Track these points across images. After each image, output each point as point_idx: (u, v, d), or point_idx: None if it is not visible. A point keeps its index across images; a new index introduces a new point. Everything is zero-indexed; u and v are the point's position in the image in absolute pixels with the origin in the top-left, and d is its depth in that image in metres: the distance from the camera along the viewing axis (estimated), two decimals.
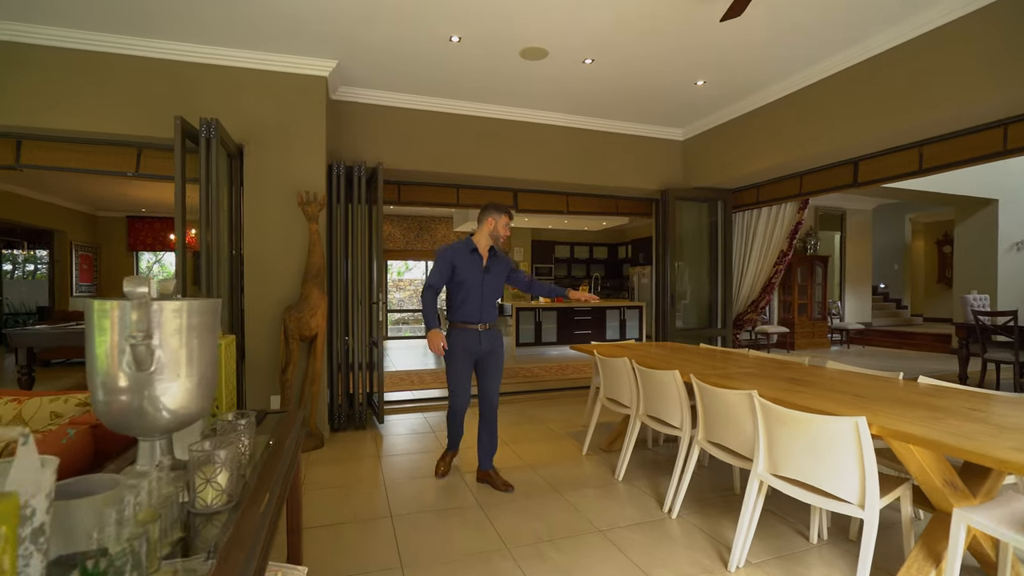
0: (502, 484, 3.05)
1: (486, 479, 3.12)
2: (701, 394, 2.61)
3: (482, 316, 3.02)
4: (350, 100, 4.56)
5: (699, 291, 5.93)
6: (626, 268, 12.94)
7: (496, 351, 3.11)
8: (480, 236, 3.08)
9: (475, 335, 3.01)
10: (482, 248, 3.07)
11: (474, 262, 3.03)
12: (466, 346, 3.00)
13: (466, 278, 3.00)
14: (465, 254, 3.02)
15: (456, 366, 3.03)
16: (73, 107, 3.51)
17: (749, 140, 4.95)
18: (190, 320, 1.25)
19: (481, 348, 3.03)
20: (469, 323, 3.01)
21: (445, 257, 3.01)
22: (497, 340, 3.12)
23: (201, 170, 3.20)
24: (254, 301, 3.87)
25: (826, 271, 9.84)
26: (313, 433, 3.82)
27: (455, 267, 2.99)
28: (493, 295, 3.10)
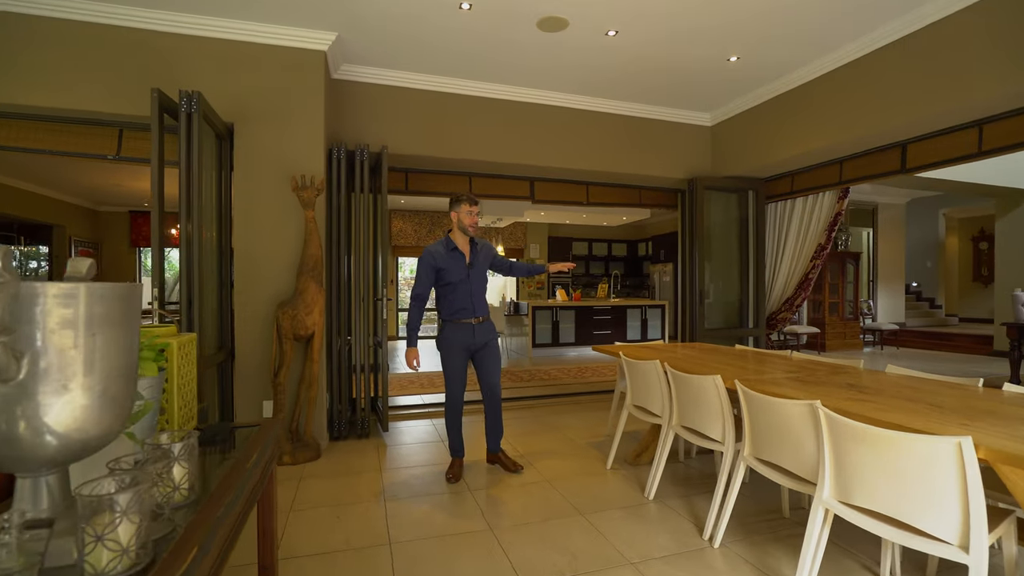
0: (512, 465, 3.19)
1: (496, 461, 3.25)
2: (748, 403, 2.22)
3: (475, 311, 3.05)
4: (352, 80, 4.24)
5: (728, 288, 5.50)
6: (646, 266, 12.49)
7: (491, 344, 3.13)
8: (455, 233, 3.09)
9: (469, 330, 3.04)
10: (461, 244, 3.08)
11: (457, 260, 3.04)
12: (461, 341, 3.03)
13: (452, 278, 3.03)
14: (445, 255, 3.02)
15: (451, 361, 3.05)
16: (46, 82, 3.23)
17: (784, 124, 4.52)
18: (89, 311, 0.91)
19: (476, 342, 3.05)
20: (463, 318, 3.03)
21: (426, 263, 3.02)
22: (491, 333, 3.13)
23: (181, 149, 2.89)
24: (245, 298, 3.56)
25: (858, 268, 9.32)
26: (309, 443, 3.50)
27: (439, 270, 3.01)
28: (482, 288, 3.13)
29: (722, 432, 2.43)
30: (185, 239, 2.92)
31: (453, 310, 3.03)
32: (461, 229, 3.04)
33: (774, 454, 2.12)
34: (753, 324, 5.32)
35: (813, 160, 4.60)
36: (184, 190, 2.90)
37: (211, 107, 3.16)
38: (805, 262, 5.08)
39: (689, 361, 3.06)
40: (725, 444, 2.41)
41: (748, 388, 2.20)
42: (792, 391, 2.14)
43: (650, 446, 3.37)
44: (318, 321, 3.48)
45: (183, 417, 1.60)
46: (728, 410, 2.40)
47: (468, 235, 3.08)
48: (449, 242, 3.05)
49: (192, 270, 2.92)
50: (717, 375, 2.40)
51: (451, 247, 3.03)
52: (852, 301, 9.26)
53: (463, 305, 3.01)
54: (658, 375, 2.90)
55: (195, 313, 2.91)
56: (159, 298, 2.86)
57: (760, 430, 2.18)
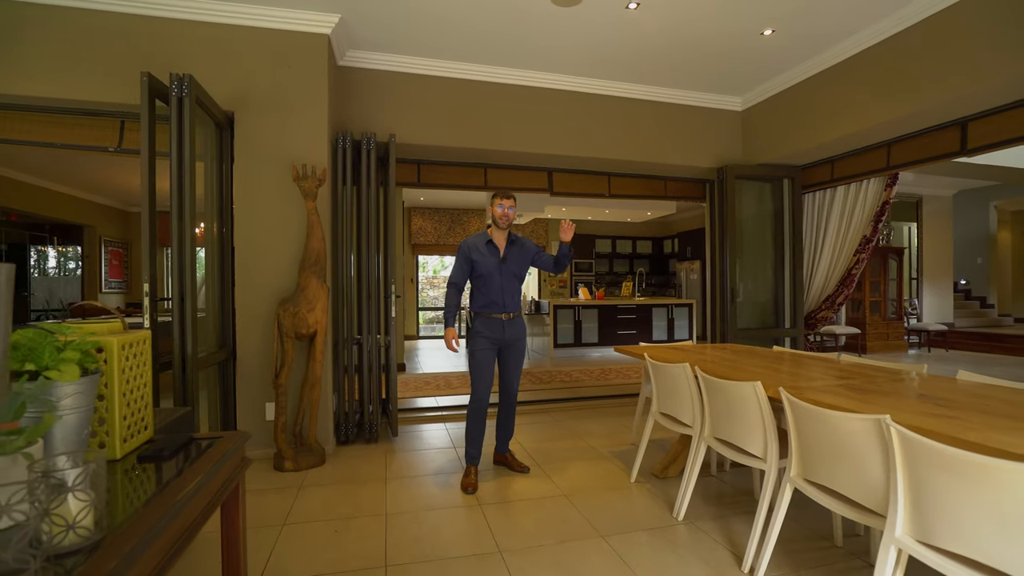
0: (518, 466, 3.17)
1: (502, 462, 3.24)
2: (796, 416, 1.91)
3: (505, 306, 3.00)
4: (359, 66, 4.04)
5: (761, 285, 5.11)
6: (672, 263, 12.06)
7: (520, 341, 3.08)
8: (493, 227, 3.07)
9: (499, 324, 2.99)
10: (497, 238, 3.05)
11: (491, 254, 3.02)
12: (490, 335, 2.98)
13: (484, 271, 3.01)
14: (481, 247, 3.02)
15: (479, 356, 2.98)
16: (41, 71, 3.11)
17: (823, 105, 4.13)
18: None
19: (505, 337, 3.01)
20: (493, 312, 2.99)
21: (461, 253, 3.05)
22: (520, 330, 3.08)
23: (172, 136, 2.71)
24: (247, 295, 3.38)
25: (901, 265, 8.74)
26: (313, 448, 3.30)
27: (474, 261, 3.00)
28: (513, 285, 3.06)
29: (763, 447, 2.12)
30: (177, 232, 2.75)
31: (484, 303, 3.01)
32: (494, 222, 3.03)
33: (828, 476, 1.80)
34: (790, 324, 4.93)
35: (857, 144, 4.20)
36: (175, 179, 2.73)
37: (207, 93, 2.98)
38: (848, 256, 4.67)
39: (722, 364, 2.74)
40: (767, 461, 2.09)
41: (795, 397, 1.89)
42: (849, 402, 1.82)
43: (678, 457, 3.06)
44: (321, 319, 3.28)
45: (132, 428, 1.39)
46: (771, 422, 2.08)
47: (501, 228, 3.03)
48: (486, 235, 3.05)
49: (184, 265, 2.74)
50: (757, 381, 2.09)
51: (487, 240, 3.03)
52: (895, 300, 8.68)
53: (493, 299, 2.98)
54: (688, 380, 2.59)
55: (187, 310, 2.73)
56: (151, 294, 2.69)
57: (810, 447, 1.87)
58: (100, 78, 3.19)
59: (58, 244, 8.94)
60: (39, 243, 8.84)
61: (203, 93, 2.91)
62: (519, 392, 3.26)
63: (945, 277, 9.40)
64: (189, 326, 2.74)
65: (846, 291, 4.69)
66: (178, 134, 2.72)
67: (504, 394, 3.14)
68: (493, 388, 3.04)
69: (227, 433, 1.55)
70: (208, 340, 3.33)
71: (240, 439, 1.52)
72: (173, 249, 2.73)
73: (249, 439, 1.56)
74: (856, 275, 4.61)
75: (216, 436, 1.52)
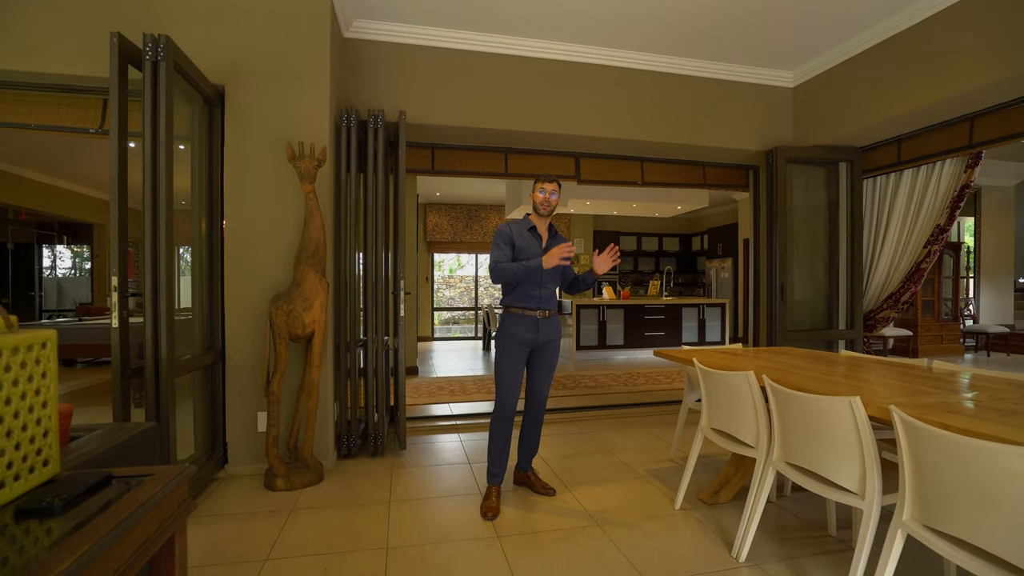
0: (542, 487, 2.79)
1: (524, 481, 2.86)
2: (911, 441, 1.44)
3: (541, 302, 2.65)
4: (367, 38, 3.66)
5: (811, 282, 4.58)
6: (701, 261, 11.47)
7: (553, 343, 2.73)
8: (534, 215, 2.73)
9: (533, 323, 2.63)
10: (540, 227, 2.72)
11: (533, 242, 2.68)
12: (523, 335, 2.61)
13: (523, 257, 2.65)
14: (524, 232, 2.69)
15: (507, 359, 2.61)
16: (11, 43, 2.80)
17: (891, 75, 3.60)
18: None
19: (539, 338, 2.65)
20: (527, 309, 2.63)
21: (504, 233, 2.68)
22: (556, 331, 2.73)
23: (145, 107, 2.36)
24: (238, 290, 3.02)
25: (957, 261, 8.04)
26: (309, 465, 2.92)
27: (515, 246, 2.65)
28: (552, 279, 2.69)
29: (860, 480, 1.65)
30: (150, 220, 2.39)
31: (518, 297, 2.64)
32: (535, 210, 2.70)
33: (970, 527, 1.33)
34: (846, 324, 4.39)
35: (931, 119, 3.66)
36: (149, 157, 2.37)
37: (190, 61, 2.63)
38: (916, 248, 4.11)
39: (790, 372, 2.26)
40: (866, 499, 1.62)
41: (920, 420, 1.42)
42: (999, 428, 1.34)
43: (731, 480, 2.59)
44: (319, 318, 2.90)
45: (16, 467, 0.99)
46: (872, 450, 1.61)
47: (542, 215, 2.68)
48: (528, 221, 2.72)
49: (158, 257, 2.39)
50: (855, 397, 1.62)
51: (529, 226, 2.70)
52: (950, 299, 7.99)
53: (530, 293, 2.62)
54: (752, 392, 2.13)
55: (161, 307, 2.37)
56: (120, 288, 2.34)
57: (940, 487, 1.39)
58: (76, 49, 2.87)
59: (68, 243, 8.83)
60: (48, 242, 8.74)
61: (184, 59, 2.56)
62: None
63: (1005, 275, 8.63)
64: (164, 326, 2.37)
65: (913, 288, 4.14)
66: (152, 104, 2.36)
67: (531, 403, 2.76)
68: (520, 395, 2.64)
69: (160, 469, 1.15)
70: (193, 341, 2.99)
71: (177, 477, 1.13)
72: (145, 239, 2.38)
73: (194, 474, 1.16)
74: (926, 270, 4.07)
75: (144, 474, 1.13)
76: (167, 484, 1.07)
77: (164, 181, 2.38)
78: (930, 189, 3.99)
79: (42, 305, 8.33)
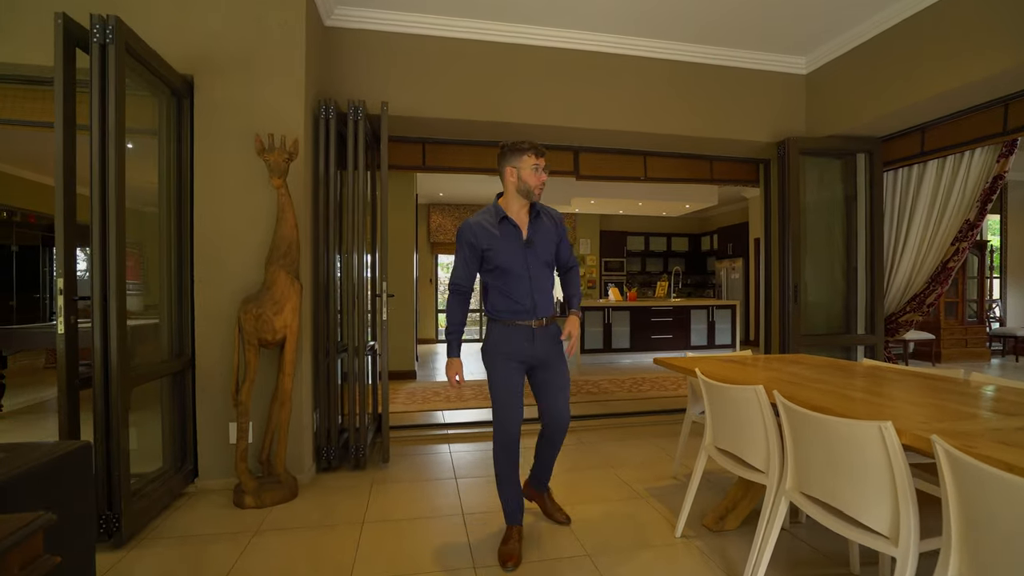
0: (557, 512, 2.38)
1: (537, 501, 2.43)
2: (958, 480, 1.18)
3: (535, 308, 2.13)
4: (350, 27, 3.45)
5: (827, 283, 4.30)
6: (711, 262, 11.15)
7: (556, 355, 2.20)
8: (508, 197, 2.15)
9: (526, 334, 2.13)
10: (516, 213, 2.14)
11: (509, 235, 2.11)
12: (514, 351, 2.12)
13: (501, 260, 2.09)
14: (491, 227, 2.10)
15: (501, 376, 2.13)
16: None
17: (912, 56, 3.31)
18: None
19: (535, 352, 2.14)
20: (518, 320, 2.12)
21: (463, 242, 2.13)
22: (556, 342, 2.20)
23: (92, 93, 2.16)
24: (208, 292, 2.83)
25: (983, 261, 7.66)
26: (281, 479, 2.71)
27: (483, 250, 2.10)
28: (544, 275, 2.17)
29: (892, 522, 1.39)
30: (98, 218, 2.20)
31: (502, 305, 2.14)
32: (521, 192, 2.10)
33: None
34: (865, 329, 4.10)
35: (959, 104, 3.36)
36: (97, 148, 2.18)
37: (148, 47, 2.43)
38: (942, 246, 3.81)
39: (805, 386, 2.01)
40: (900, 545, 1.36)
41: (974, 457, 1.16)
42: None
43: (739, 505, 2.33)
44: (291, 323, 2.69)
45: None
46: (908, 487, 1.35)
47: (528, 200, 2.12)
48: (498, 210, 2.12)
49: (108, 256, 2.19)
50: (886, 422, 1.36)
51: (500, 216, 2.11)
52: (975, 301, 7.61)
53: (519, 300, 2.10)
54: (762, 410, 1.87)
55: (111, 311, 2.18)
56: (65, 292, 2.14)
57: (1002, 541, 1.13)
58: (37, 38, 2.68)
59: None
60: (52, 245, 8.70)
61: (140, 43, 2.36)
62: None
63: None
64: (114, 332, 2.18)
65: (939, 288, 3.84)
66: (100, 91, 2.17)
67: (552, 424, 2.23)
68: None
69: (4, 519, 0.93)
70: (160, 347, 2.80)
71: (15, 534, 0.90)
72: (93, 238, 2.19)
73: (51, 523, 0.95)
74: (953, 269, 3.76)
75: None
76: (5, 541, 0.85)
77: (114, 176, 2.18)
78: (958, 181, 3.69)
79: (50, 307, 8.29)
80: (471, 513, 2.54)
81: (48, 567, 0.94)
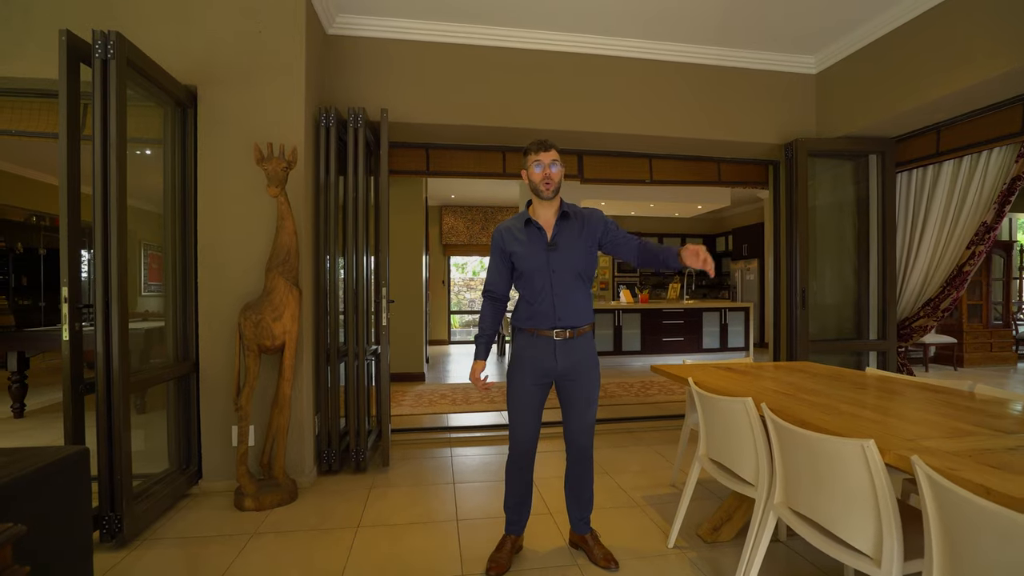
0: (602, 557, 2.10)
1: (580, 545, 2.22)
2: (940, 504, 1.15)
3: (556, 317, 2.01)
4: (352, 34, 3.49)
5: (838, 287, 4.20)
6: (726, 263, 10.99)
7: (584, 372, 2.06)
8: (536, 202, 2.08)
9: (547, 346, 2.03)
10: (542, 216, 2.07)
11: (533, 239, 2.05)
12: (535, 362, 2.03)
13: (525, 265, 2.04)
14: (518, 231, 2.06)
15: (518, 393, 2.07)
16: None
17: (926, 53, 3.20)
18: None
19: (557, 365, 2.03)
20: (540, 329, 2.03)
21: (494, 246, 2.13)
22: (587, 355, 2.07)
23: (95, 106, 2.23)
24: (211, 299, 2.89)
25: (1009, 262, 7.40)
26: (280, 483, 2.76)
27: (511, 253, 2.06)
28: (570, 282, 2.03)
29: (875, 542, 1.36)
30: (100, 225, 2.26)
31: (525, 312, 2.06)
32: (533, 192, 2.04)
33: None
34: (877, 335, 3.99)
35: (976, 103, 3.24)
36: (99, 159, 2.24)
37: (149, 58, 2.49)
38: (957, 249, 3.69)
39: (799, 399, 1.96)
40: (883, 566, 1.33)
41: (954, 480, 1.13)
42: None
43: (734, 516, 2.30)
44: (290, 329, 2.73)
45: None
46: (891, 507, 1.31)
47: (545, 198, 2.02)
48: (524, 214, 2.09)
49: (110, 263, 2.25)
50: (868, 440, 1.32)
51: (525, 219, 2.06)
52: (1000, 303, 7.35)
53: (540, 307, 2.02)
54: (751, 422, 1.84)
55: (113, 317, 2.24)
56: (69, 299, 2.21)
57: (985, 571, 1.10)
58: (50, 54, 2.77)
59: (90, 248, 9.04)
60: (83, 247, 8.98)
61: (141, 57, 2.42)
62: None
63: None
64: (116, 338, 2.24)
65: (955, 293, 3.72)
66: (102, 103, 2.23)
67: (570, 447, 2.15)
68: None
69: None
70: (166, 351, 2.87)
71: None
72: (96, 246, 2.25)
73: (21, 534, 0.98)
74: (970, 273, 3.64)
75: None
76: None
77: (115, 185, 2.24)
78: (974, 182, 3.56)
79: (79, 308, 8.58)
80: (465, 520, 2.54)
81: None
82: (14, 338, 4.23)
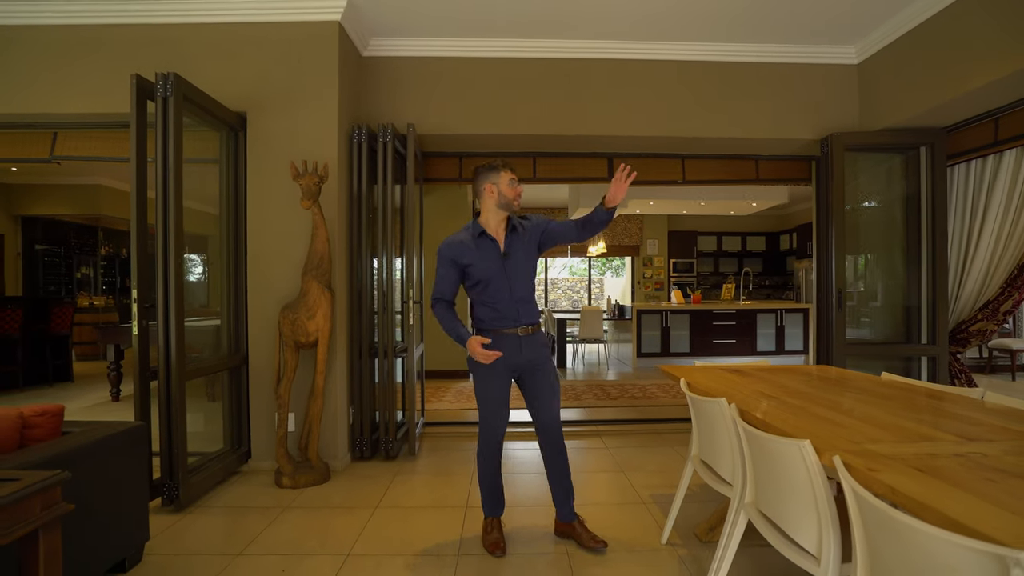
0: (590, 540, 2.26)
1: (568, 533, 2.35)
2: (860, 506, 1.16)
3: (519, 317, 2.25)
4: (385, 55, 3.77)
5: (888, 285, 3.96)
6: (790, 262, 10.43)
7: (542, 365, 2.30)
8: (487, 213, 2.29)
9: (514, 343, 2.24)
10: (494, 228, 2.28)
11: (487, 249, 2.25)
12: (502, 358, 2.20)
13: (483, 274, 2.23)
14: (470, 243, 2.25)
15: (487, 386, 2.26)
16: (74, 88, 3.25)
17: (980, 29, 2.97)
18: None
19: (521, 360, 2.25)
20: (504, 327, 2.23)
21: (443, 259, 2.27)
22: (542, 346, 2.32)
23: (157, 136, 2.63)
24: (258, 300, 3.26)
25: None
26: (314, 466, 3.07)
27: (464, 266, 2.24)
28: (525, 284, 2.29)
29: (816, 539, 1.38)
30: (161, 236, 2.65)
31: (488, 316, 2.25)
32: (502, 206, 2.22)
33: None
34: (927, 339, 3.72)
35: None
36: (160, 180, 2.64)
37: (204, 93, 2.88)
38: (1020, 246, 3.38)
39: (785, 405, 1.96)
40: (821, 564, 1.35)
41: (865, 483, 1.15)
42: (966, 502, 1.05)
43: None
44: (322, 326, 3.04)
45: None
46: (828, 507, 1.33)
47: (509, 211, 2.25)
48: (476, 227, 2.25)
49: (169, 268, 2.64)
50: (804, 441, 1.35)
51: (479, 231, 2.24)
52: None
53: (503, 311, 2.22)
54: (726, 423, 1.87)
55: (171, 316, 2.62)
56: (139, 300, 2.62)
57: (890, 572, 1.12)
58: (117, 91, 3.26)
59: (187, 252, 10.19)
60: None
61: (196, 92, 2.81)
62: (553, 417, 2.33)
63: None
64: (174, 333, 2.62)
65: (1018, 295, 3.41)
66: (163, 133, 2.63)
67: (546, 437, 2.31)
68: None
69: (28, 474, 1.26)
70: (221, 345, 3.28)
71: (37, 484, 1.21)
72: (157, 254, 2.65)
73: (66, 480, 1.26)
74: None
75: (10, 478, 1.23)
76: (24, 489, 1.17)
77: (173, 202, 2.63)
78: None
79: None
80: (473, 507, 2.71)
81: (62, 511, 1.26)
82: (110, 332, 4.92)
